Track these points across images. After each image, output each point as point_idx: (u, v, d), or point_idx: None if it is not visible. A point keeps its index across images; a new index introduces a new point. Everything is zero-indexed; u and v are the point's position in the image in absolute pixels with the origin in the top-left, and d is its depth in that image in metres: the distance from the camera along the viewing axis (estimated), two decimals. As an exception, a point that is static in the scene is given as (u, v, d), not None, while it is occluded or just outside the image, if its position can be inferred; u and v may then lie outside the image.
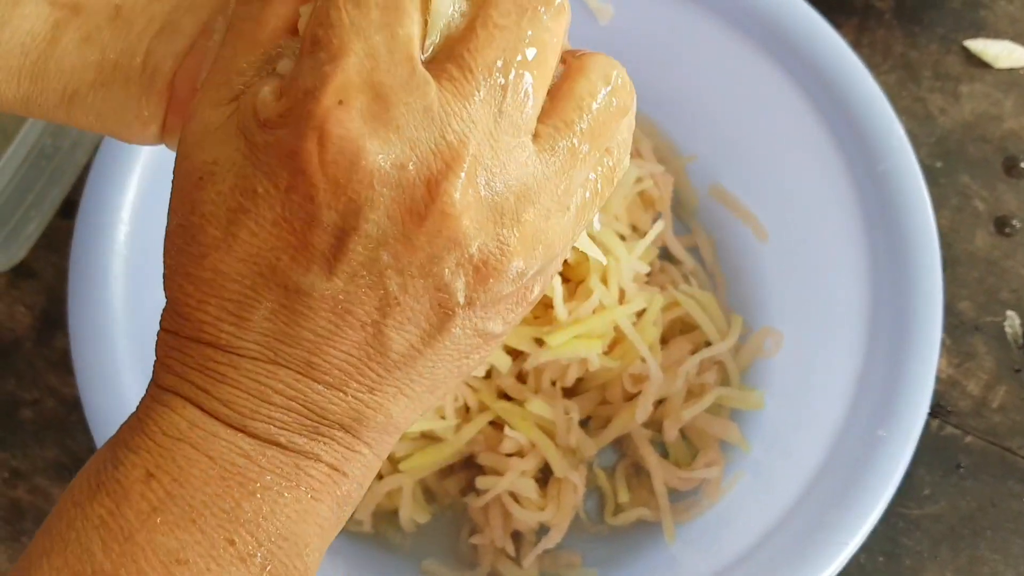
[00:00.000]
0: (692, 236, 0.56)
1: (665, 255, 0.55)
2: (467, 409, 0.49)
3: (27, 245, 0.55)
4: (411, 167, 0.24)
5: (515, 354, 0.49)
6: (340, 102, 0.24)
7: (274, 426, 0.25)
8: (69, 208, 0.56)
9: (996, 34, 0.63)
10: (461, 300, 0.25)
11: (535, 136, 0.26)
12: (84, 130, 0.35)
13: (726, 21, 0.51)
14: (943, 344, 0.55)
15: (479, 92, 0.25)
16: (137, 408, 0.27)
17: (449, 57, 0.25)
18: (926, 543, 0.52)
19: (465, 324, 0.26)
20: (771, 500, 0.45)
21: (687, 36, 0.53)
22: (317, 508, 0.26)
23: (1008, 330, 0.56)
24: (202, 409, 0.26)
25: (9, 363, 0.54)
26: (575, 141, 0.26)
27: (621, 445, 0.52)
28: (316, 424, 0.26)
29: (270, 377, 0.25)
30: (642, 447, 0.50)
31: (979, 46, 0.63)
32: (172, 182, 0.27)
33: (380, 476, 0.49)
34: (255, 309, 0.25)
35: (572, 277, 0.50)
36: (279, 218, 0.25)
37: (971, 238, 0.58)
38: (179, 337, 0.26)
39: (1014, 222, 0.59)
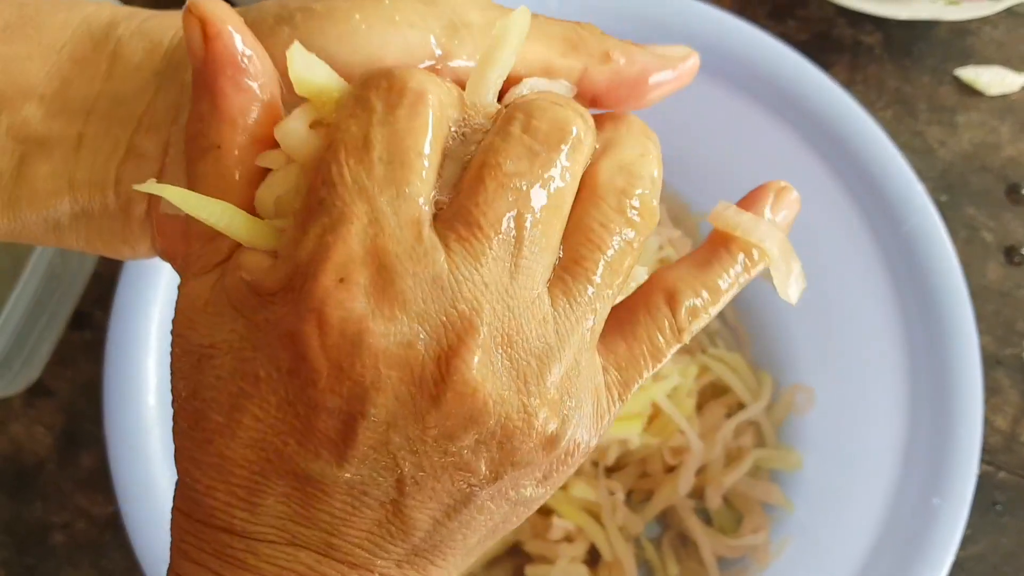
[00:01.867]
0: (711, 295, 0.56)
1: (687, 316, 0.55)
2: (509, 497, 0.49)
3: (41, 364, 0.53)
4: (420, 345, 0.22)
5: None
6: (341, 280, 0.22)
7: None
8: (79, 320, 0.55)
9: (985, 60, 0.64)
10: (485, 475, 0.24)
11: (549, 284, 0.24)
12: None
13: (733, 85, 0.51)
14: (967, 381, 0.56)
15: (491, 250, 0.23)
16: None
17: (457, 213, 0.23)
18: (972, 585, 0.52)
19: (494, 497, 0.25)
20: (827, 567, 0.45)
21: (692, 100, 0.52)
22: None
23: (1028, 360, 0.57)
24: None
25: (35, 486, 0.53)
26: (595, 280, 0.24)
27: (665, 517, 0.52)
28: None
29: (291, 560, 0.24)
30: (687, 519, 0.50)
31: (971, 75, 0.63)
32: (171, 356, 0.25)
33: (429, 574, 0.48)
34: (266, 495, 0.24)
35: (603, 355, 0.50)
36: (283, 401, 0.23)
37: (983, 271, 0.59)
38: (192, 520, 0.25)
39: (1023, 250, 0.59)
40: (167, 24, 0.27)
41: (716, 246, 0.27)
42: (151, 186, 0.24)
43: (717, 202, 0.57)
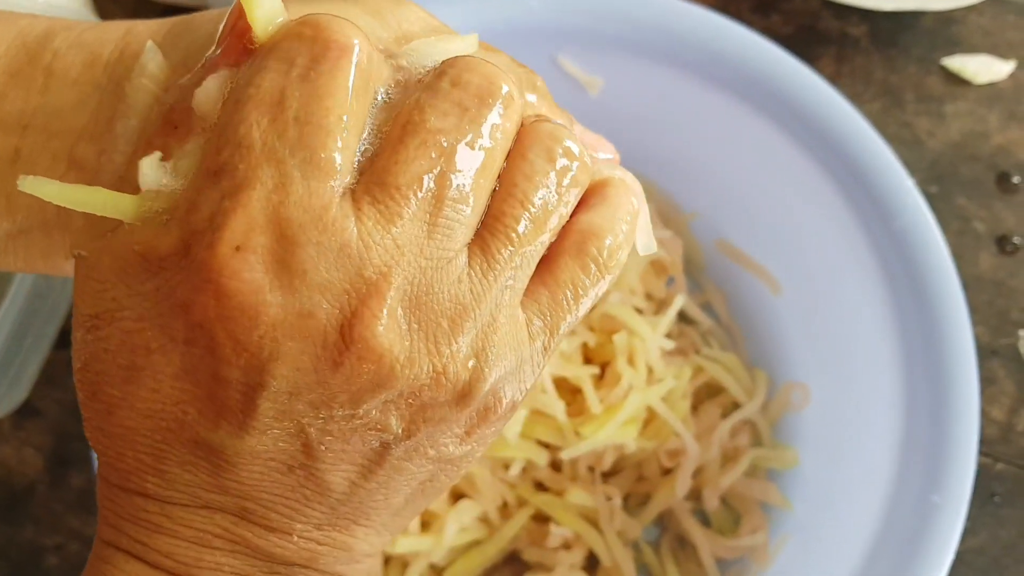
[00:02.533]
0: (703, 293, 0.56)
1: (681, 316, 0.55)
2: (505, 505, 0.48)
3: (29, 385, 0.53)
4: (321, 314, 0.21)
5: (547, 444, 0.48)
6: (238, 248, 0.21)
7: (222, 572, 0.24)
8: (65, 338, 0.54)
9: (972, 48, 0.64)
10: (397, 434, 0.23)
11: (470, 243, 0.23)
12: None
13: (718, 84, 0.50)
14: (963, 373, 0.55)
15: (408, 211, 0.22)
16: (87, 566, 0.25)
17: (375, 175, 0.22)
18: (973, 578, 0.52)
19: (411, 455, 0.24)
20: (826, 566, 0.45)
21: (678, 99, 0.52)
22: None
23: (1023, 350, 0.57)
24: (144, 562, 0.24)
25: (26, 509, 0.53)
26: (514, 236, 0.23)
27: (663, 519, 0.51)
28: (270, 565, 0.24)
29: (207, 522, 0.23)
30: (685, 521, 0.50)
31: (957, 64, 0.63)
32: None
33: (427, 586, 0.48)
34: (171, 462, 0.23)
35: (596, 359, 0.50)
36: (180, 372, 0.22)
37: (975, 261, 0.58)
38: (110, 485, 0.24)
39: (1015, 239, 0.59)
40: (106, 37, 0.26)
41: (599, 189, 0.26)
42: (28, 183, 0.23)
43: (707, 202, 0.57)
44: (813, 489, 0.49)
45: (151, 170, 0.23)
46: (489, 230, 0.23)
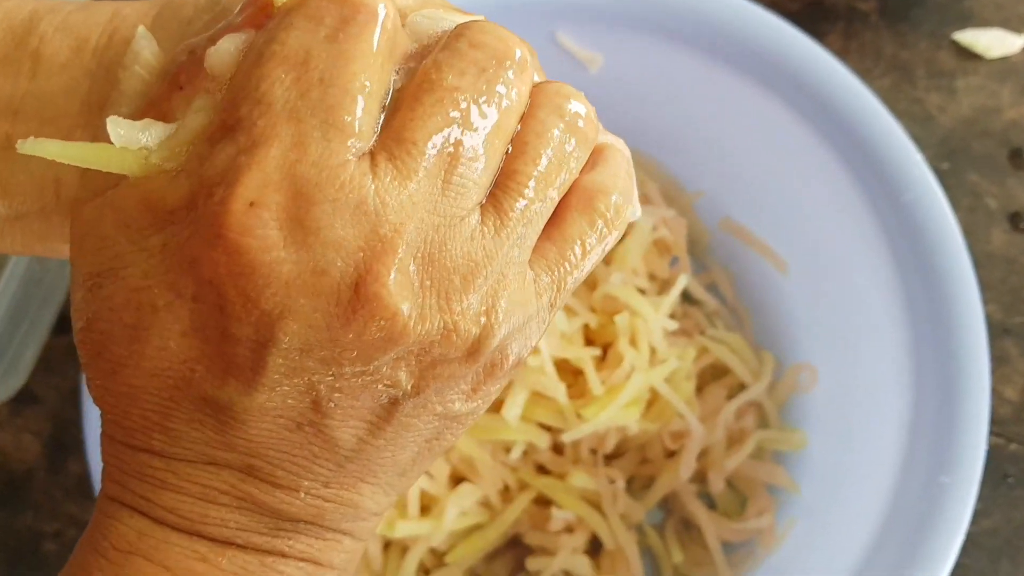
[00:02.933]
0: (708, 274, 0.55)
1: (685, 297, 0.54)
2: (507, 489, 0.48)
3: (26, 371, 0.52)
4: (335, 271, 0.21)
5: (549, 427, 0.47)
6: (252, 204, 0.21)
7: (227, 528, 0.23)
8: (63, 324, 0.54)
9: (983, 23, 0.62)
10: (407, 390, 0.23)
11: (483, 202, 0.23)
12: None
13: (721, 60, 0.49)
14: (975, 352, 0.54)
15: (424, 167, 0.22)
16: (90, 522, 0.25)
17: (392, 131, 0.22)
18: (985, 560, 0.51)
19: (419, 411, 0.24)
20: (835, 549, 0.44)
21: (680, 76, 0.51)
22: None
23: (1037, 329, 0.56)
24: (149, 517, 0.23)
25: (25, 496, 0.52)
26: (527, 193, 0.24)
27: (667, 502, 0.50)
28: (275, 521, 0.24)
29: (213, 478, 0.23)
30: (690, 504, 0.49)
31: (969, 38, 0.61)
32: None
33: (427, 571, 0.47)
34: (178, 420, 0.23)
35: (598, 340, 0.49)
36: (188, 329, 0.22)
37: (988, 238, 0.57)
38: (115, 442, 0.24)
39: (1028, 216, 0.58)
40: (93, 21, 0.26)
41: (604, 150, 0.26)
42: (28, 145, 0.22)
43: (712, 181, 0.56)
44: (821, 472, 0.48)
45: (119, 128, 0.22)
46: (502, 188, 0.23)
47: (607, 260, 0.50)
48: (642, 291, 0.50)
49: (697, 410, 0.49)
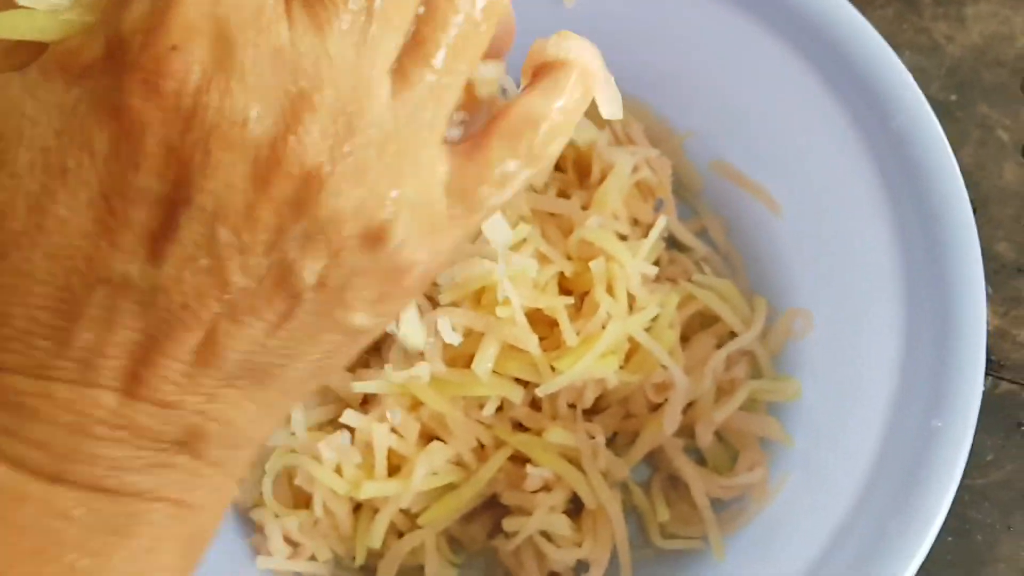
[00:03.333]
0: (699, 219, 0.52)
1: (673, 243, 0.51)
2: (482, 447, 0.46)
3: None
4: (254, 125, 0.21)
5: (526, 382, 0.45)
6: (174, 47, 0.20)
7: (99, 466, 0.22)
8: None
9: (996, -56, 0.58)
10: (311, 281, 0.22)
11: (393, 66, 0.22)
12: None
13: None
14: (986, 293, 0.51)
15: (339, 20, 0.21)
16: None
17: None
18: (996, 514, 0.48)
19: (319, 314, 0.23)
20: (825, 500, 0.42)
21: (664, 9, 0.48)
22: (158, 560, 0.23)
23: (1054, 268, 0.52)
24: (7, 461, 0.21)
25: None
26: (435, 64, 0.23)
27: (654, 458, 0.48)
28: (151, 453, 0.22)
29: (90, 404, 0.21)
30: (676, 459, 0.46)
31: (979, -39, 0.58)
32: None
33: (400, 534, 0.45)
34: (72, 316, 0.21)
35: (575, 288, 0.46)
36: (96, 196, 0.21)
37: (999, 172, 0.54)
38: None
39: (1044, 148, 0.54)
40: None
41: (551, 72, 0.26)
42: None
43: (702, 120, 0.53)
44: (815, 421, 0.45)
45: None
46: (410, 55, 0.23)
47: (584, 204, 0.48)
48: (624, 237, 0.48)
49: (682, 360, 0.46)
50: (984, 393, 0.50)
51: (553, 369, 0.44)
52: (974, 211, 0.53)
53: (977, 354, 0.37)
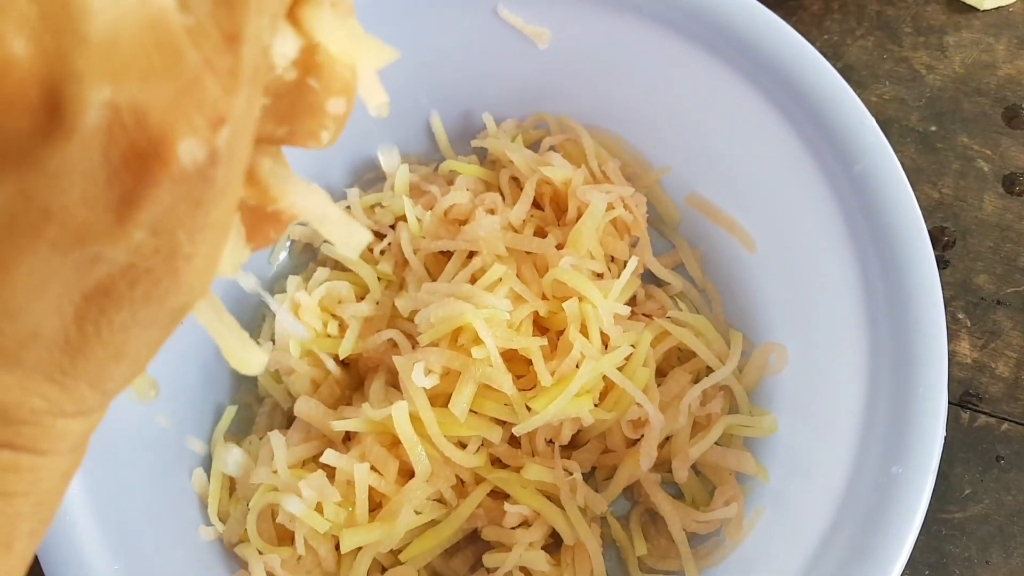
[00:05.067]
0: (676, 252, 0.52)
1: (650, 278, 0.52)
2: (461, 483, 0.46)
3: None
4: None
5: (504, 421, 0.46)
6: None
7: None
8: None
9: (977, -28, 0.59)
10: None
11: None
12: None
13: (668, 27, 0.47)
14: (964, 326, 0.51)
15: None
16: None
17: None
18: (974, 548, 0.48)
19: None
20: (797, 536, 0.42)
21: (631, 48, 0.49)
22: None
23: (1033, 298, 0.52)
24: None
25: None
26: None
27: (632, 492, 0.49)
28: None
29: None
30: (654, 494, 0.47)
31: (960, -11, 0.58)
32: None
33: (383, 569, 0.46)
34: None
35: (550, 327, 0.47)
36: None
37: (979, 204, 0.54)
38: None
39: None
40: None
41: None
42: None
43: (678, 156, 0.53)
44: (788, 455, 0.46)
45: None
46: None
47: (560, 243, 0.49)
48: (599, 275, 0.48)
49: (658, 396, 0.47)
50: (962, 426, 0.50)
51: (529, 409, 0.44)
52: (953, 243, 0.54)
53: (938, 404, 0.38)
